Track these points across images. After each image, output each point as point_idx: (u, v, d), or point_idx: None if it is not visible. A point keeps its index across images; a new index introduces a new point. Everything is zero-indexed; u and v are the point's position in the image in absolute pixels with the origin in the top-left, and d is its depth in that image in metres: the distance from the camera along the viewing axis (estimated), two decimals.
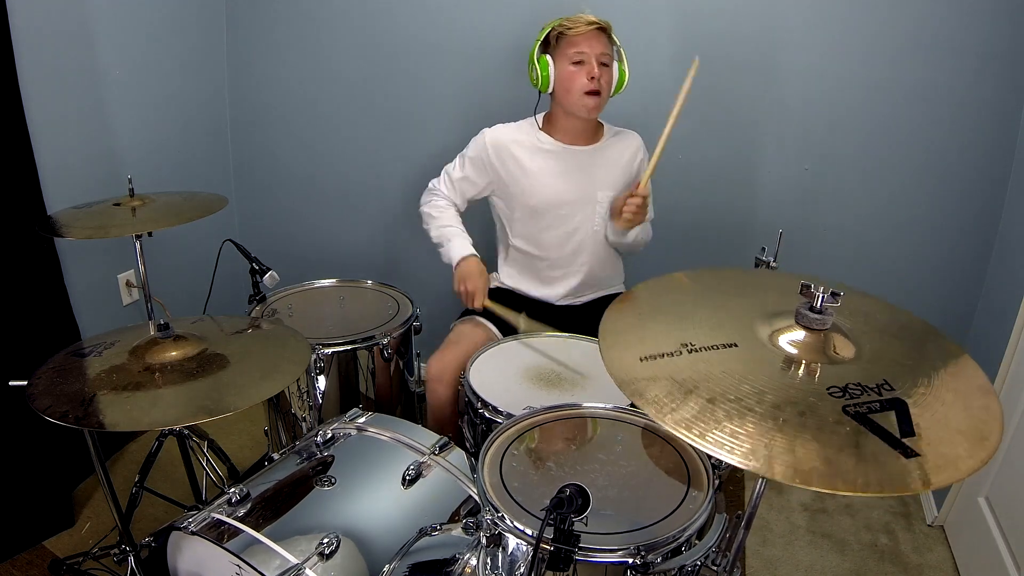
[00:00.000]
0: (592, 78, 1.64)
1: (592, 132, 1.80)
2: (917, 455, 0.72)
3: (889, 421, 0.76)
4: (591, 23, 1.63)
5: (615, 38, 1.69)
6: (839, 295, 0.85)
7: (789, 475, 0.70)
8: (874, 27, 1.88)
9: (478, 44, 2.20)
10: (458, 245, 1.79)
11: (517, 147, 1.77)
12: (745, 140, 2.09)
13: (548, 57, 1.68)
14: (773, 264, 1.28)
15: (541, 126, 1.79)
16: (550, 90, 1.71)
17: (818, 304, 0.85)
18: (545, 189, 1.77)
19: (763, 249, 1.31)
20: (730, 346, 0.88)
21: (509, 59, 2.14)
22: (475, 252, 1.78)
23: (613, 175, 1.80)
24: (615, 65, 1.69)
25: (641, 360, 0.87)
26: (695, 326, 0.93)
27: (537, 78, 1.69)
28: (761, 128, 2.07)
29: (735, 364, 0.85)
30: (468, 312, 1.86)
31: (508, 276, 1.94)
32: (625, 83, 1.72)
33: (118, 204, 1.72)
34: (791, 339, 0.88)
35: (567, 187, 1.77)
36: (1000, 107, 1.85)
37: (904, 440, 0.73)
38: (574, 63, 1.65)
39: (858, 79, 1.93)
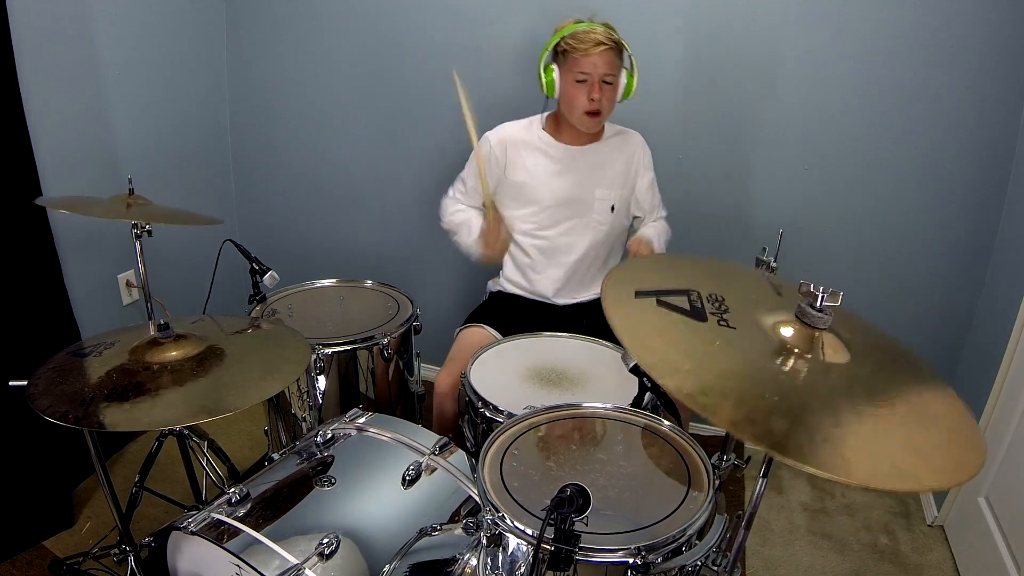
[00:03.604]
0: (592, 99, 1.63)
1: (593, 133, 1.80)
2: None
3: (679, 302, 0.93)
4: (599, 43, 1.59)
5: (627, 46, 1.65)
6: (839, 294, 0.85)
7: None
8: (874, 27, 1.88)
9: (480, 43, 2.20)
10: (475, 225, 1.81)
11: (519, 144, 1.78)
12: (745, 140, 2.09)
13: (555, 67, 1.67)
14: (774, 264, 1.28)
15: (544, 125, 1.80)
16: (556, 96, 1.71)
17: (819, 303, 0.86)
18: (542, 187, 1.78)
19: (764, 249, 1.30)
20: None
21: (513, 58, 2.14)
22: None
23: (611, 174, 1.80)
24: (623, 75, 1.67)
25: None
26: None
27: (543, 84, 1.70)
28: (761, 128, 2.07)
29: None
30: (471, 319, 1.86)
31: (508, 275, 1.94)
32: (632, 92, 1.70)
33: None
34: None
35: (565, 185, 1.78)
36: (1000, 107, 1.85)
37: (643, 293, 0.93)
38: (578, 81, 1.64)
39: (858, 79, 1.93)
